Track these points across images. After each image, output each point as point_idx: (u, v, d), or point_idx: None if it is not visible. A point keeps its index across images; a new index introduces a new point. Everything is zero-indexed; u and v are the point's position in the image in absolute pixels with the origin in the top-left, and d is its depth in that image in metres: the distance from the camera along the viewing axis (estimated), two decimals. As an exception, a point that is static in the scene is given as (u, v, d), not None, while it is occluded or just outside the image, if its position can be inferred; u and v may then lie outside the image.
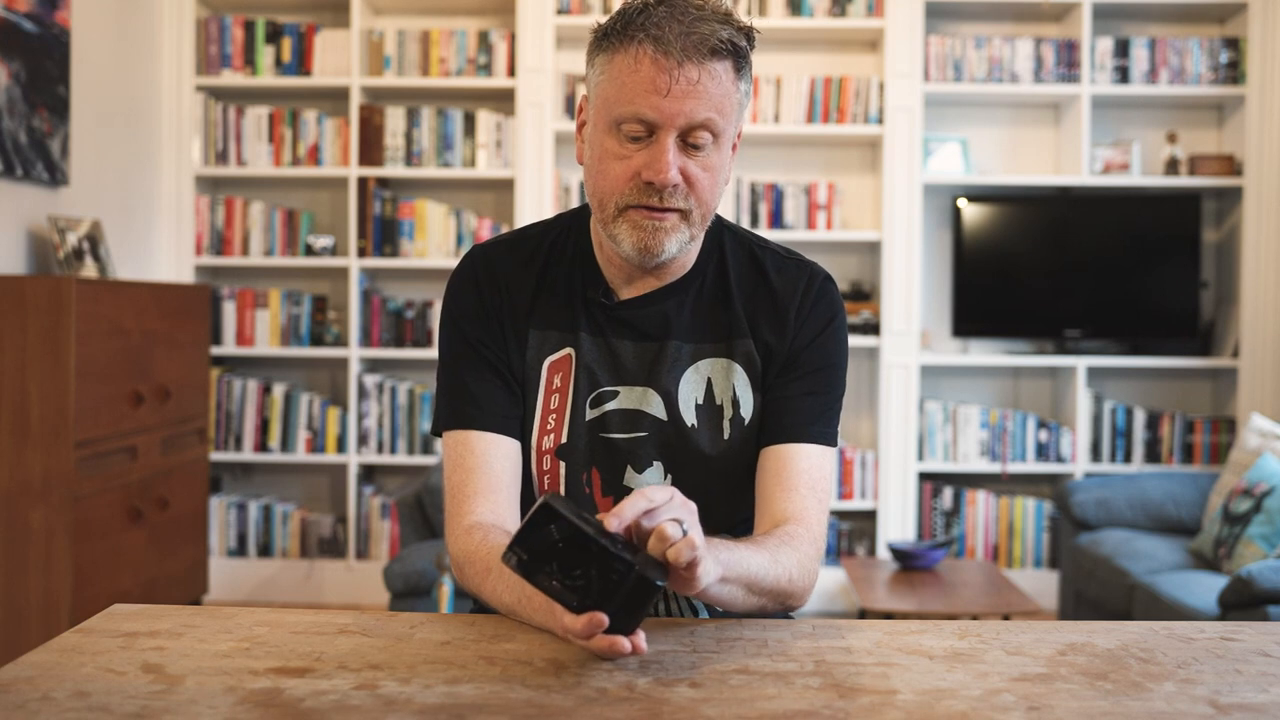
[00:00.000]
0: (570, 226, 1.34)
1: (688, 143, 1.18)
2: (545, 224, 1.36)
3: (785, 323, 1.29)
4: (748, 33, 1.19)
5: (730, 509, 1.30)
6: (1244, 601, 2.68)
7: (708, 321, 1.30)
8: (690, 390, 1.28)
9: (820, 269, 1.33)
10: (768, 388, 1.29)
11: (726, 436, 1.27)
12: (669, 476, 1.27)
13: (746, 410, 1.28)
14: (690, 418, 1.27)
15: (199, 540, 3.74)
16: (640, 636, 0.95)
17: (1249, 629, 1.13)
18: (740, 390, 1.28)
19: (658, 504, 0.97)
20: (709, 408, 1.28)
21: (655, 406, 1.27)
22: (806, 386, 1.28)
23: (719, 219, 1.34)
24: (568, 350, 1.29)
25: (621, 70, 1.17)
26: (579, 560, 0.93)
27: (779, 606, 1.19)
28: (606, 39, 1.19)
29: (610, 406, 1.27)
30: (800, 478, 1.24)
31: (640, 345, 1.29)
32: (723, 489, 1.29)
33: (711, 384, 1.28)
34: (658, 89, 1.14)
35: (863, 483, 4.20)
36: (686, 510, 0.99)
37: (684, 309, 1.29)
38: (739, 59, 1.18)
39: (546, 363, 1.29)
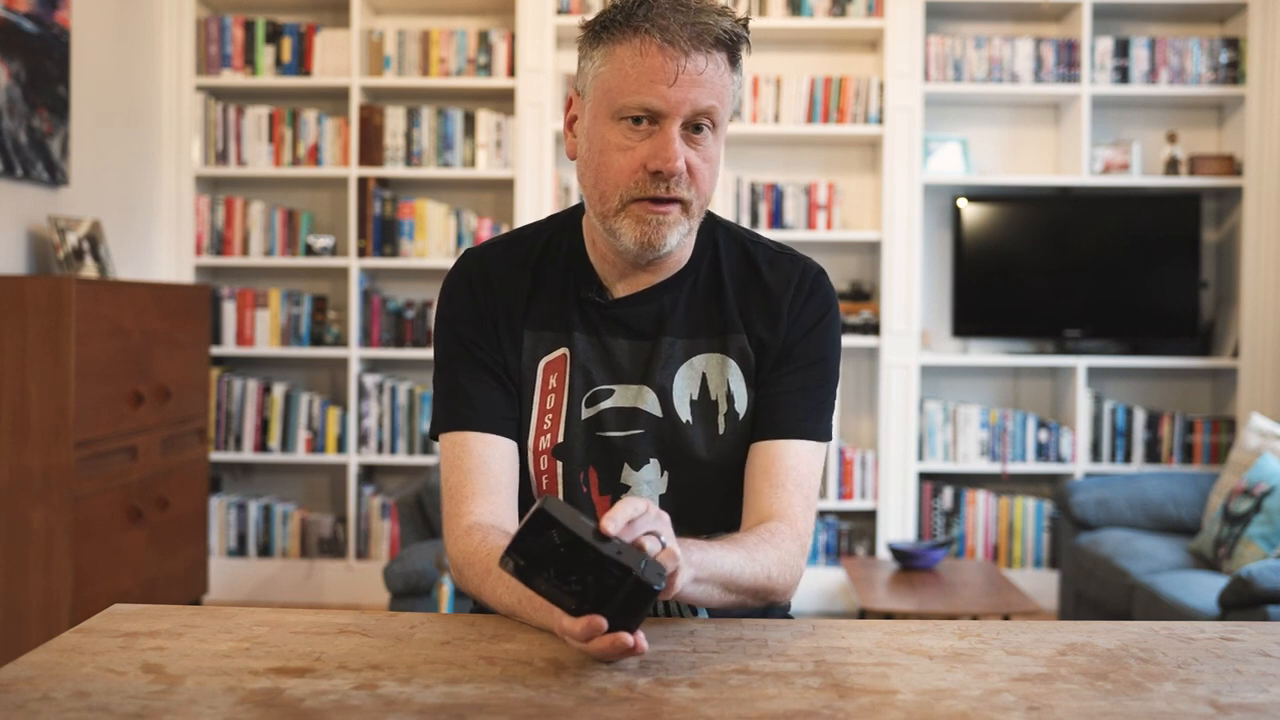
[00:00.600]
0: (564, 226, 1.34)
1: (690, 131, 1.19)
2: (538, 225, 1.37)
3: (779, 317, 1.29)
4: (745, 25, 1.20)
5: (726, 504, 1.30)
6: (1244, 601, 2.68)
7: (702, 317, 1.30)
8: (685, 386, 1.28)
9: (813, 263, 1.34)
10: (761, 382, 1.29)
11: (721, 432, 1.28)
12: (666, 473, 1.28)
13: (741, 405, 1.28)
14: (685, 414, 1.27)
15: (199, 540, 3.74)
16: (641, 635, 0.95)
17: (1249, 629, 1.13)
18: (735, 385, 1.29)
19: (633, 517, 0.98)
20: (704, 403, 1.28)
21: (650, 404, 1.27)
22: (799, 381, 1.28)
23: (712, 215, 1.35)
24: (562, 350, 1.29)
25: (625, 61, 1.17)
26: (576, 564, 0.93)
27: (761, 602, 1.20)
28: (606, 31, 1.19)
29: (606, 405, 1.28)
30: (788, 474, 1.25)
31: (635, 344, 1.29)
32: (719, 484, 1.29)
33: (706, 379, 1.28)
34: (665, 78, 1.16)
35: (863, 483, 4.20)
36: (661, 523, 1.01)
37: (678, 305, 1.29)
38: (735, 51, 1.20)
39: (542, 363, 1.29)
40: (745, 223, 4.17)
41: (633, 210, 1.20)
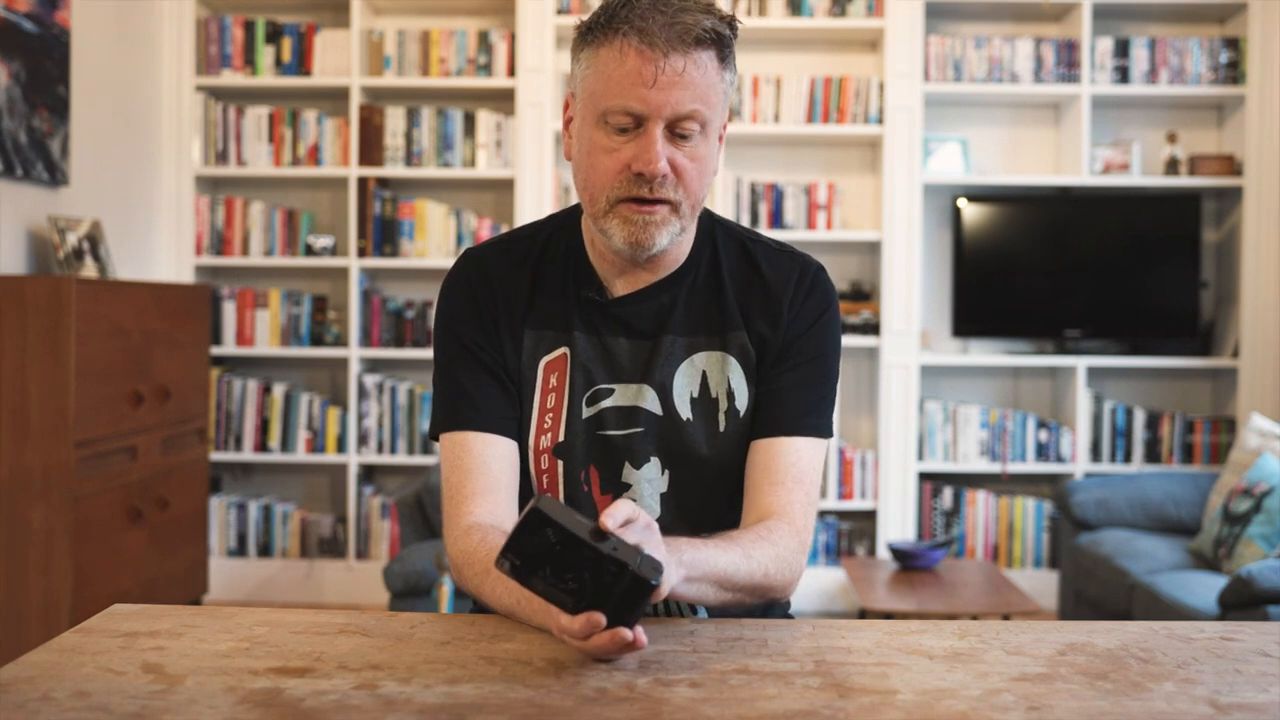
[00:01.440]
0: (563, 225, 1.35)
1: (675, 133, 1.19)
2: (537, 224, 1.37)
3: (779, 314, 1.29)
4: (730, 22, 1.19)
5: (728, 501, 1.30)
6: (1244, 601, 2.68)
7: (702, 315, 1.30)
8: (685, 384, 1.28)
9: (813, 260, 1.34)
10: (761, 379, 1.29)
11: (722, 429, 1.28)
12: (667, 471, 1.28)
13: (742, 402, 1.29)
14: (685, 411, 1.28)
15: (199, 540, 3.74)
16: (640, 630, 0.95)
17: (1249, 629, 1.13)
18: (735, 382, 1.29)
19: (630, 517, 0.99)
20: (704, 401, 1.28)
21: (650, 401, 1.27)
22: (799, 377, 1.28)
23: (710, 214, 1.35)
24: (563, 350, 1.29)
25: (607, 63, 1.18)
26: (572, 563, 0.93)
27: (760, 600, 1.20)
28: (591, 34, 1.20)
29: (606, 404, 1.28)
30: (787, 472, 1.25)
31: (635, 342, 1.29)
32: (720, 481, 1.29)
33: (706, 377, 1.29)
34: (644, 80, 1.15)
35: (863, 483, 4.20)
36: (649, 533, 1.01)
37: (677, 303, 1.30)
38: (722, 48, 1.19)
39: (542, 363, 1.29)
40: (745, 223, 4.17)
41: (619, 211, 1.20)
